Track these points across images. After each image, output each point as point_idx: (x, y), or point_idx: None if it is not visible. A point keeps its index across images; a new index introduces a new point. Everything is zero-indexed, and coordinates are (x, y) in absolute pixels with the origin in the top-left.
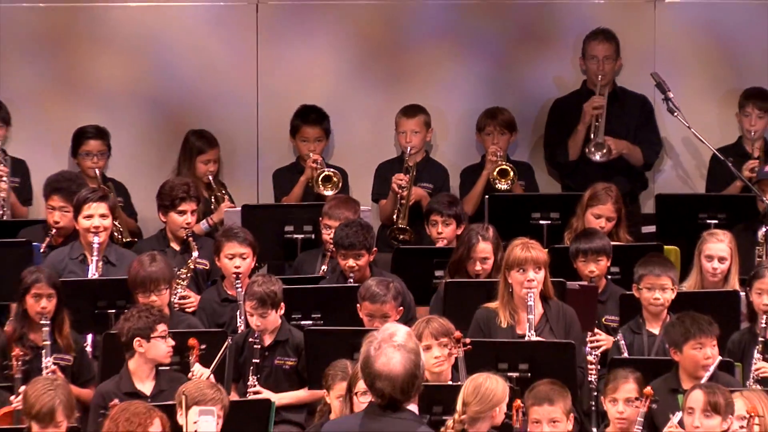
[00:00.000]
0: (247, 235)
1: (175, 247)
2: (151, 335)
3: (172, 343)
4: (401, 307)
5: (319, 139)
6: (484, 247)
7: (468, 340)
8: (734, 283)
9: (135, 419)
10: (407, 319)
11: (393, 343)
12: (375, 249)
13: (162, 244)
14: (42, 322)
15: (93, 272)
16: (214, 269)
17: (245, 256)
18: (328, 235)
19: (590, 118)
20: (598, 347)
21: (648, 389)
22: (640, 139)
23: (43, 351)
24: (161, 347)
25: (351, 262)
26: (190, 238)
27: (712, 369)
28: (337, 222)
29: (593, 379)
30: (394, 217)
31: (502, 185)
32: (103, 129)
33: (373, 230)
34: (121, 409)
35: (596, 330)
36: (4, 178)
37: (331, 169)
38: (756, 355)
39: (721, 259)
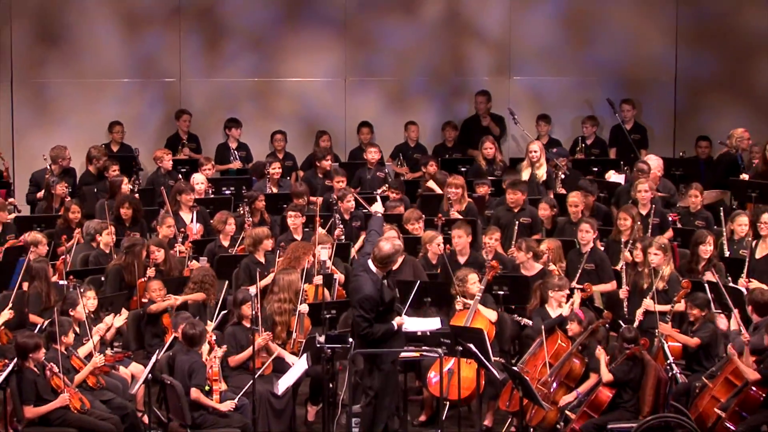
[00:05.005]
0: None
1: (320, 174)
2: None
3: (298, 220)
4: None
5: (368, 134)
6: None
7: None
8: (548, 185)
9: (300, 249)
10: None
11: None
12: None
13: (314, 175)
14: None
15: (275, 190)
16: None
17: (345, 181)
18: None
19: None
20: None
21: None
22: (499, 129)
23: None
24: (290, 221)
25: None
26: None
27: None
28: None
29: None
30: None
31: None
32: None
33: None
34: (292, 245)
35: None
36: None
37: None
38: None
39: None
